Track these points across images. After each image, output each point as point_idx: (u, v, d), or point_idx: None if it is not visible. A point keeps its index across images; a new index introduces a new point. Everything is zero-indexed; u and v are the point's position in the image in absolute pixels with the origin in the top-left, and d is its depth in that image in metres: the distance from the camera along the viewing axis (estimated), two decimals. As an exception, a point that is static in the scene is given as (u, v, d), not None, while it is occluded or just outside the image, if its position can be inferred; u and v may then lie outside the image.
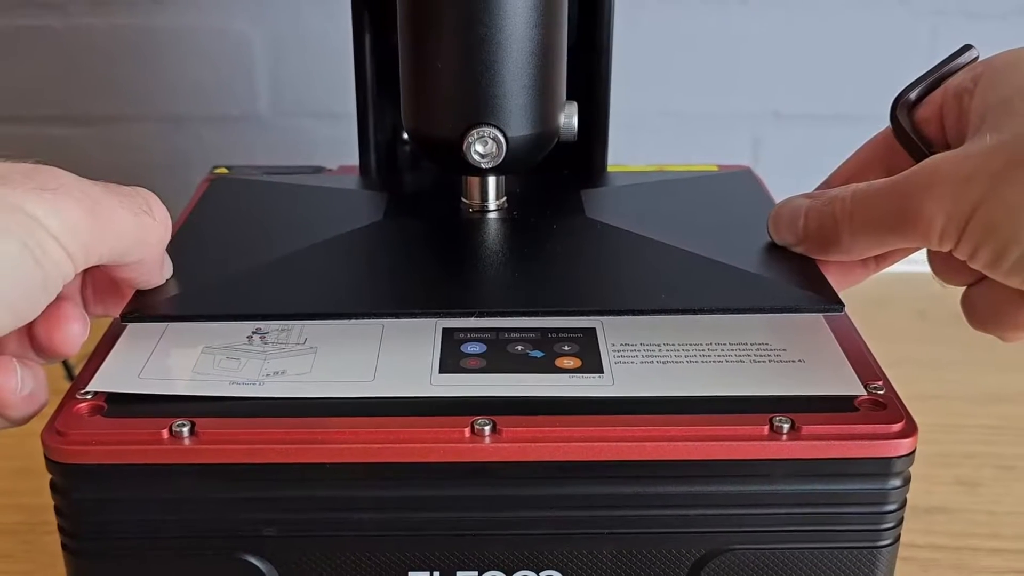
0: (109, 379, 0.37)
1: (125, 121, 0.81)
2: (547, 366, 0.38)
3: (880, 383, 0.37)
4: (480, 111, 0.43)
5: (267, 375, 0.37)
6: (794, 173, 0.51)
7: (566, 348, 0.39)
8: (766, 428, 0.35)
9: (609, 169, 0.55)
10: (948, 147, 0.38)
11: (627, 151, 0.58)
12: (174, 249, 0.39)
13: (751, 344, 0.39)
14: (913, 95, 0.41)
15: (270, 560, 0.36)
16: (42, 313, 0.33)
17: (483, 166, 0.44)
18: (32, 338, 0.36)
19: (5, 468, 0.56)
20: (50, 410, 0.36)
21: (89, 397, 0.36)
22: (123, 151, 0.82)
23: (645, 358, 0.39)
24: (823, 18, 0.78)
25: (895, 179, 0.37)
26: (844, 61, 0.79)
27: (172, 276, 0.39)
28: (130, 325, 0.39)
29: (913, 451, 0.35)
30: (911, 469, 0.36)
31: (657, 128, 0.81)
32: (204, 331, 0.40)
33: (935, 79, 0.41)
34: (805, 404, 0.36)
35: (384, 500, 0.35)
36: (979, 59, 0.40)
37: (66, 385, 0.38)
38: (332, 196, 0.51)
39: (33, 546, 0.51)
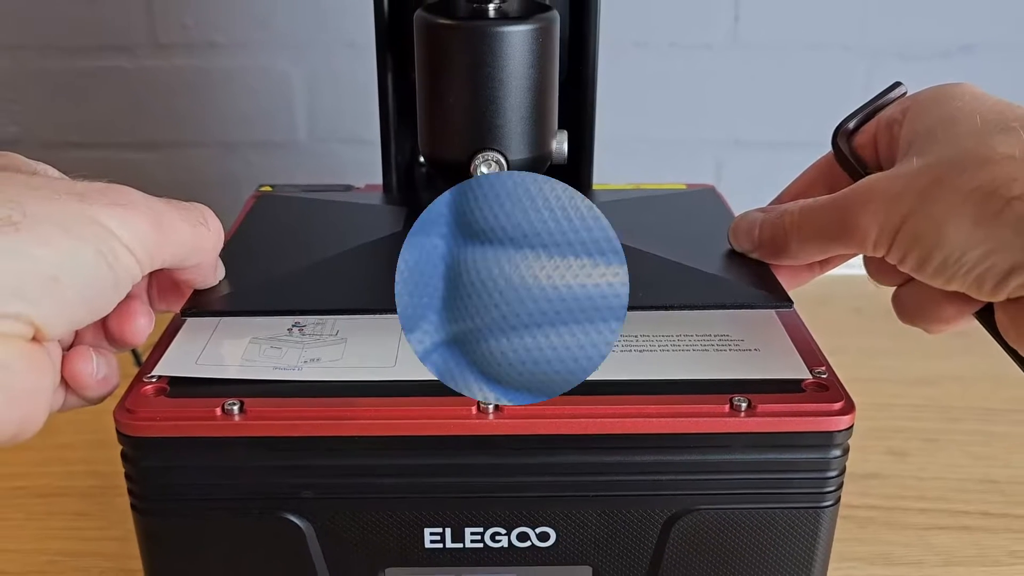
0: (171, 365, 0.37)
1: (184, 147, 0.81)
2: (541, 354, 0.38)
3: (823, 368, 0.37)
4: (485, 138, 0.43)
5: (305, 362, 0.37)
6: (751, 191, 0.51)
7: (558, 339, 0.39)
8: (727, 406, 0.35)
9: (594, 187, 0.55)
10: (881, 169, 0.38)
11: (609, 172, 0.58)
12: (226, 255, 0.39)
13: (714, 335, 0.39)
14: (851, 125, 0.41)
15: (307, 518, 0.36)
16: (114, 309, 0.33)
17: (487, 185, 0.44)
18: (106, 330, 0.36)
19: (83, 440, 0.56)
20: (121, 391, 0.36)
21: (154, 380, 0.36)
22: (183, 172, 0.82)
23: (624, 347, 0.39)
24: (778, 60, 0.78)
25: (836, 196, 0.37)
26: (794, 96, 0.79)
27: (224, 278, 0.39)
28: (189, 319, 0.39)
29: (851, 426, 0.35)
30: (849, 441, 0.36)
31: (635, 152, 0.81)
32: (251, 324, 0.40)
33: (870, 111, 0.41)
34: (760, 386, 0.36)
35: (404, 467, 0.35)
36: (907, 94, 0.40)
37: (135, 370, 0.37)
38: (360, 210, 0.51)
39: (107, 506, 0.51)
